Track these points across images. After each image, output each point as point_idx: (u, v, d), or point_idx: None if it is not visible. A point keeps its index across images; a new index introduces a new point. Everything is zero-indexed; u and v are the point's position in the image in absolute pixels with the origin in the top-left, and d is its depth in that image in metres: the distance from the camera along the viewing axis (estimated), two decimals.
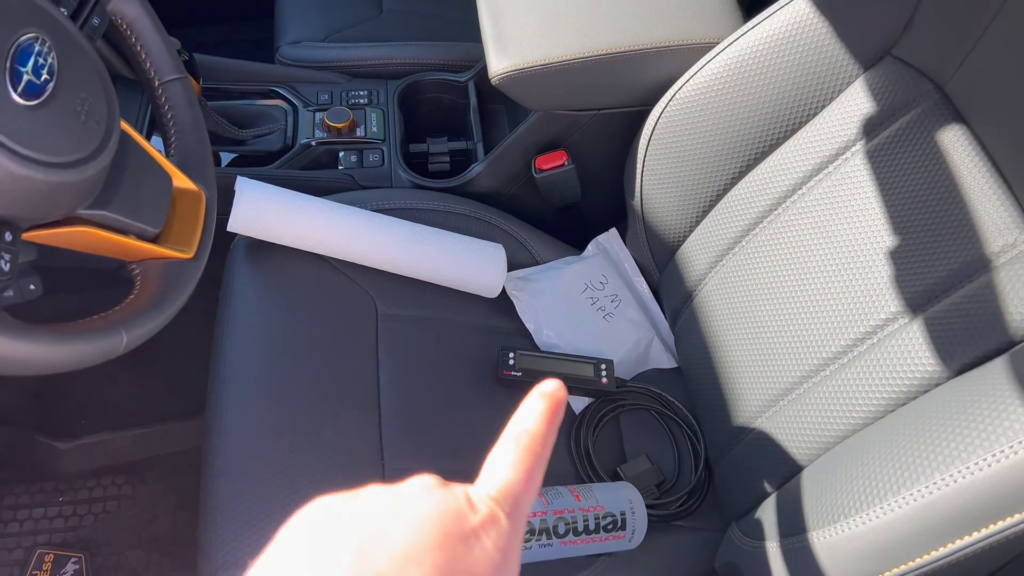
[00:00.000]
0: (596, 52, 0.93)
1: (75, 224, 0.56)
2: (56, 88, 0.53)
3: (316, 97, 1.14)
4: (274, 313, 0.88)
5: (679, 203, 0.95)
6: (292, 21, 1.25)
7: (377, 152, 1.10)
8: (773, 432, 0.80)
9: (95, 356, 0.52)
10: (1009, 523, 0.53)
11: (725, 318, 0.89)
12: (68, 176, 0.52)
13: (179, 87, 0.70)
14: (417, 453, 0.83)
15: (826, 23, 0.80)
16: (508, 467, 0.32)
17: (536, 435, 0.33)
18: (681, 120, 0.91)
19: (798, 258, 0.81)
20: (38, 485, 1.16)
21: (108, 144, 0.56)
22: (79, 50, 0.57)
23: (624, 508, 0.80)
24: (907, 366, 0.68)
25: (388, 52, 1.20)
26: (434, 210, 1.01)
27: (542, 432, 0.33)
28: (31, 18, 0.54)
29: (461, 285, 0.96)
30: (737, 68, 0.86)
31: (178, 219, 0.66)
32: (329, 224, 0.90)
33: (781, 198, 0.84)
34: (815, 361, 0.77)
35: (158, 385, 1.19)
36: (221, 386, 0.83)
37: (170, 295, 0.60)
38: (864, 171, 0.77)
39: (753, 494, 0.81)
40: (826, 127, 0.82)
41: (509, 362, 0.91)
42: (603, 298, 1.00)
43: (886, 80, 0.77)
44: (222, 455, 0.78)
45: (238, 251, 0.93)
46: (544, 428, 0.33)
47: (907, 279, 0.71)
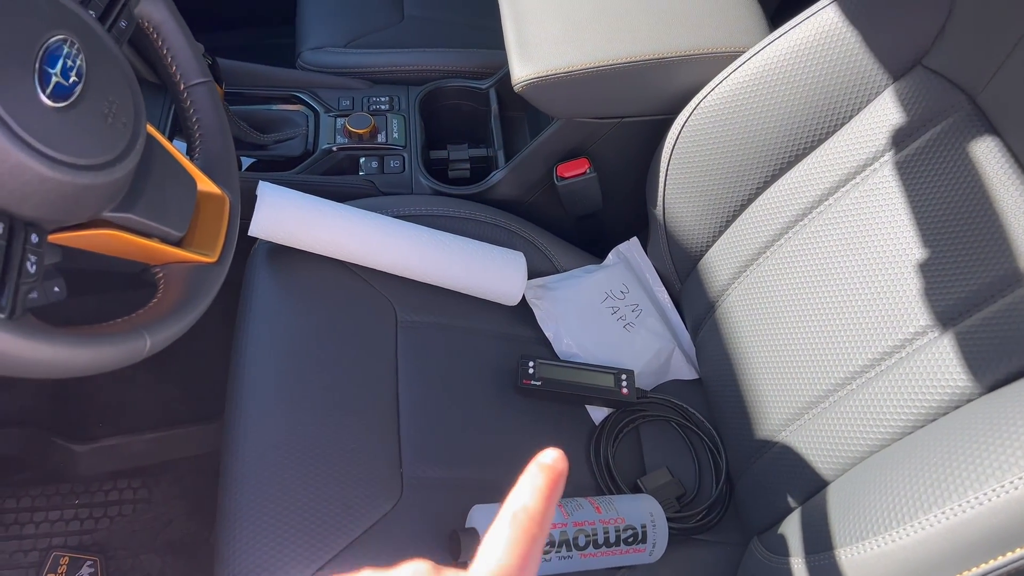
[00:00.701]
0: (620, 60, 0.92)
1: (100, 227, 0.56)
2: (84, 90, 0.53)
3: (337, 103, 1.14)
4: (294, 318, 0.88)
5: (702, 213, 0.94)
6: (314, 27, 1.26)
7: (398, 158, 1.09)
8: (797, 446, 0.78)
9: (118, 360, 0.52)
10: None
11: (748, 330, 0.88)
12: (95, 178, 0.52)
13: (204, 91, 0.70)
14: (435, 462, 0.82)
15: (855, 33, 0.80)
16: (503, 550, 0.30)
17: (534, 514, 0.31)
18: (705, 129, 0.90)
19: (825, 270, 0.80)
20: (54, 487, 1.15)
21: (134, 147, 0.56)
22: (107, 53, 0.57)
23: (645, 521, 0.79)
24: (937, 381, 0.67)
25: (409, 58, 1.20)
26: (455, 217, 1.01)
27: (540, 511, 0.31)
28: (60, 20, 0.53)
29: (481, 292, 0.96)
30: (764, 77, 0.85)
31: (202, 223, 0.65)
32: (350, 230, 0.90)
33: (807, 209, 0.83)
34: (841, 374, 0.75)
35: (175, 389, 1.19)
36: (240, 391, 0.82)
37: (193, 299, 0.60)
38: (893, 182, 0.76)
39: (776, 509, 0.80)
40: (854, 138, 0.81)
41: (529, 371, 0.90)
42: (624, 308, 0.99)
43: (917, 90, 0.76)
44: (240, 460, 0.77)
45: (259, 256, 0.92)
46: (542, 506, 0.32)
47: (937, 292, 0.70)
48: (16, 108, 0.48)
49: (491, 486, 0.83)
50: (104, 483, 1.16)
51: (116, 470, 1.17)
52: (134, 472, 1.17)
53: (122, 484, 1.16)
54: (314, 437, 0.79)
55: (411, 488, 0.79)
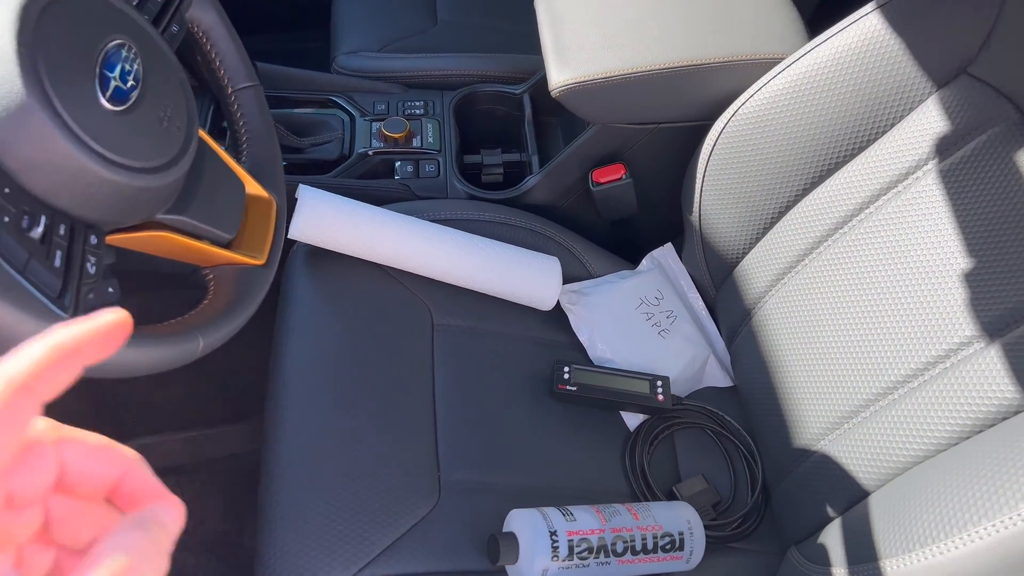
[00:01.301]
0: (658, 66, 0.92)
1: (154, 228, 0.57)
2: (141, 95, 0.54)
3: (373, 107, 1.15)
4: (333, 321, 0.88)
5: (739, 219, 0.93)
6: (348, 31, 1.26)
7: (433, 163, 1.10)
8: (837, 455, 0.78)
9: (174, 360, 0.53)
10: None
11: (786, 338, 0.87)
12: (151, 181, 0.53)
13: (252, 94, 0.70)
14: (472, 466, 0.82)
15: (899, 40, 0.79)
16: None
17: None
18: (744, 136, 0.90)
19: (866, 278, 0.79)
20: None
21: (188, 150, 0.57)
22: (162, 57, 0.58)
23: (682, 528, 0.79)
24: (984, 392, 0.66)
25: (443, 63, 1.21)
26: (490, 221, 1.01)
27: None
28: (118, 24, 0.54)
29: (516, 297, 0.96)
30: (804, 84, 0.85)
31: (250, 225, 0.66)
32: (387, 234, 0.91)
33: (848, 216, 0.83)
34: (883, 384, 0.75)
35: (208, 389, 1.20)
36: (279, 392, 0.83)
37: (243, 301, 0.61)
38: (937, 191, 0.75)
39: (815, 518, 0.79)
40: (896, 146, 0.80)
41: (564, 376, 0.90)
42: (658, 314, 0.99)
43: (961, 99, 0.76)
44: (280, 462, 0.78)
45: (297, 258, 0.93)
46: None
47: (983, 303, 0.69)
48: (79, 113, 0.48)
49: (528, 491, 0.83)
50: None
51: (151, 468, 1.17)
52: (168, 471, 1.18)
53: None
54: (353, 439, 0.79)
55: (449, 491, 0.79)
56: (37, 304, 0.44)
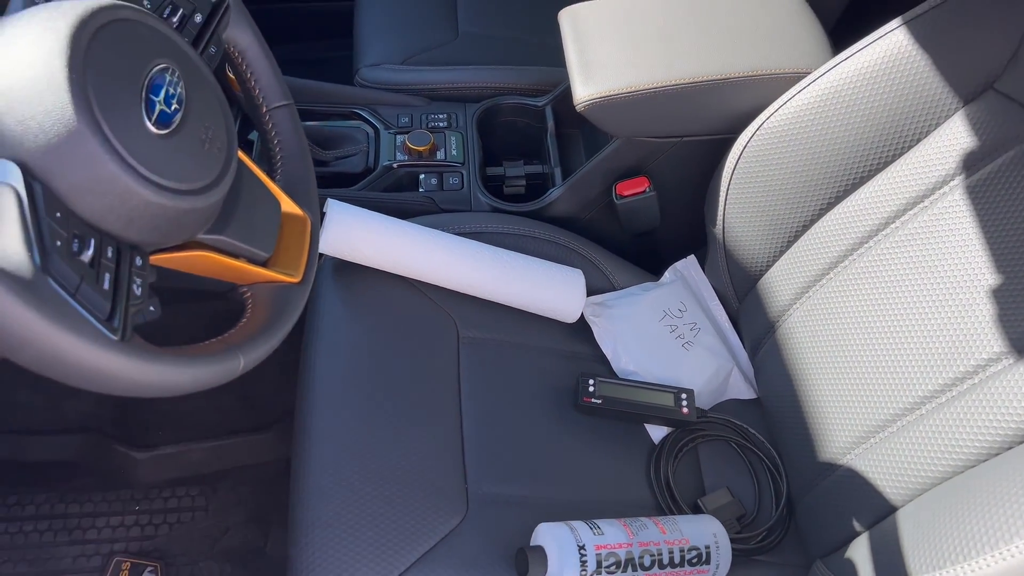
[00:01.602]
0: (682, 80, 0.93)
1: (195, 248, 0.58)
2: (184, 117, 0.55)
3: (396, 120, 1.16)
4: (360, 334, 0.89)
5: (763, 232, 0.94)
6: (371, 43, 1.28)
7: (457, 175, 1.11)
8: (863, 470, 0.78)
9: (216, 379, 0.54)
10: None
11: (811, 351, 0.87)
12: (195, 203, 0.54)
13: (286, 113, 0.71)
14: (499, 478, 0.83)
15: (925, 56, 0.79)
16: None
17: None
18: (768, 149, 0.90)
19: (892, 293, 0.79)
20: (114, 493, 1.18)
21: (228, 171, 0.58)
22: (202, 79, 0.59)
23: (709, 542, 0.79)
24: (1013, 409, 0.66)
25: (466, 76, 1.22)
26: (513, 234, 1.02)
27: None
28: (161, 48, 0.55)
29: (540, 310, 0.97)
30: (830, 99, 0.85)
31: (285, 243, 0.67)
32: (414, 247, 0.91)
33: (873, 231, 0.83)
34: (910, 399, 0.75)
35: (233, 399, 1.21)
36: (309, 403, 0.84)
37: (280, 319, 0.61)
38: (964, 206, 0.76)
39: (841, 532, 0.80)
40: (922, 161, 0.81)
41: (589, 389, 0.91)
42: (682, 326, 1.00)
43: (988, 115, 0.76)
44: (310, 473, 0.79)
45: (325, 271, 0.94)
46: None
47: (1011, 318, 0.69)
48: (127, 137, 0.49)
49: (554, 504, 0.84)
50: (163, 490, 1.18)
51: (175, 477, 1.19)
52: (192, 480, 1.19)
53: (180, 491, 1.18)
54: (381, 451, 0.80)
55: (476, 504, 0.80)
56: (89, 327, 0.45)
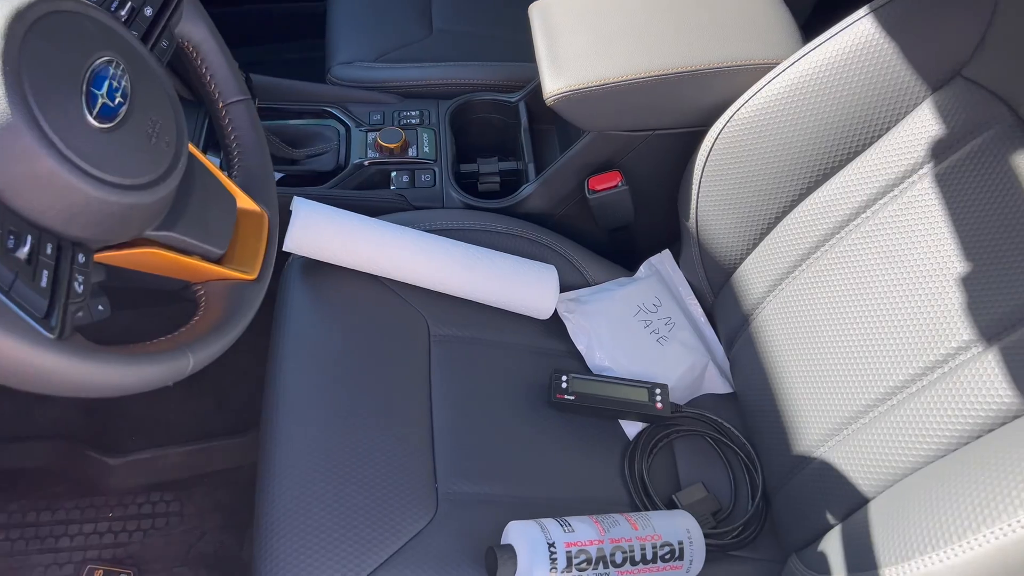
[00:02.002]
0: (652, 73, 0.92)
1: (143, 245, 0.57)
2: (129, 111, 0.54)
3: (368, 117, 1.15)
4: (328, 333, 0.88)
5: (736, 225, 0.93)
6: (344, 41, 1.26)
7: (429, 172, 1.10)
8: (836, 462, 0.77)
9: (163, 378, 0.53)
10: None
11: (784, 343, 0.87)
12: (140, 198, 0.53)
13: (243, 108, 0.70)
14: (470, 477, 0.82)
15: (893, 44, 0.79)
16: None
17: None
18: (739, 141, 0.89)
19: (863, 283, 0.79)
20: (88, 500, 1.16)
21: (177, 166, 0.57)
22: (150, 73, 0.58)
23: (682, 537, 0.78)
24: (982, 397, 0.66)
25: (439, 72, 1.21)
26: (486, 230, 1.01)
27: None
28: (106, 42, 0.54)
29: (513, 306, 0.95)
30: (799, 89, 0.84)
31: (241, 240, 0.66)
32: (383, 244, 0.90)
33: (844, 221, 0.82)
34: (881, 389, 0.74)
35: (207, 403, 1.20)
36: (275, 405, 0.82)
37: (234, 317, 0.60)
38: (932, 195, 0.75)
39: (815, 525, 0.79)
40: (892, 149, 0.80)
41: (562, 385, 0.90)
42: (656, 321, 0.99)
43: (956, 102, 0.76)
44: (276, 475, 0.77)
45: (292, 270, 0.93)
46: None
47: (980, 307, 0.69)
48: (64, 130, 0.48)
49: (527, 502, 0.83)
50: (137, 496, 1.17)
51: (149, 483, 1.17)
52: (167, 485, 1.18)
53: (155, 497, 1.17)
54: (349, 452, 0.79)
55: (446, 503, 0.79)
56: (22, 325, 0.44)
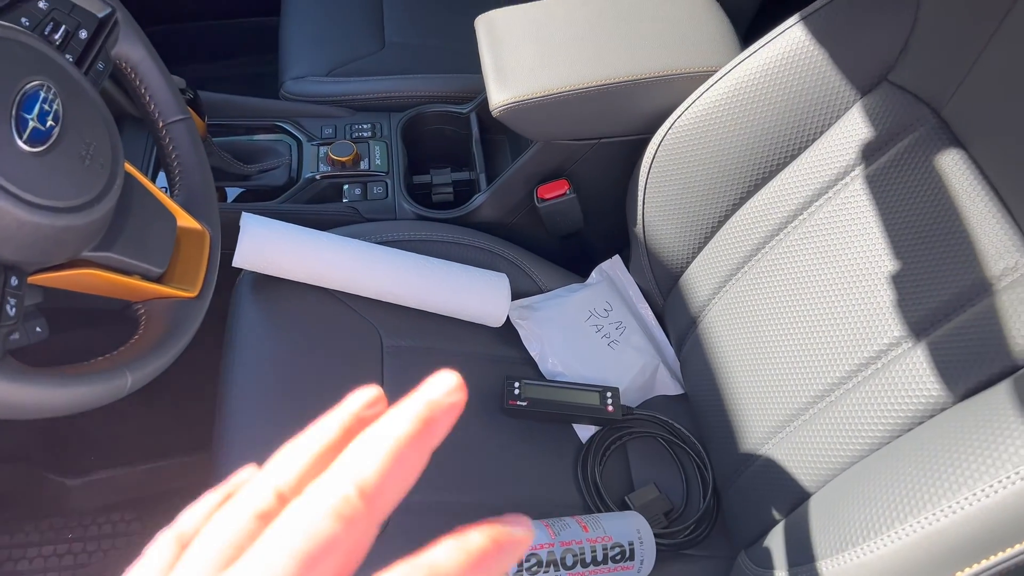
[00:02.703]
0: (594, 83, 0.94)
1: (80, 266, 0.57)
2: (61, 134, 0.54)
3: (320, 131, 1.16)
4: (279, 348, 0.88)
5: (681, 229, 0.95)
6: (296, 56, 1.27)
7: (381, 184, 1.10)
8: (780, 459, 0.79)
9: (99, 399, 0.53)
10: (1017, 551, 0.53)
11: (730, 344, 0.89)
12: (73, 220, 0.53)
13: (183, 128, 0.71)
14: (420, 486, 0.82)
15: (822, 50, 0.81)
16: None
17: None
18: (681, 148, 0.91)
19: (800, 283, 0.81)
20: (47, 522, 1.16)
21: (112, 187, 0.57)
22: (84, 95, 0.58)
23: (632, 538, 0.80)
24: (912, 391, 0.68)
25: (391, 85, 1.22)
26: (438, 241, 1.02)
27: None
28: (37, 66, 0.55)
29: (465, 315, 0.97)
30: (735, 95, 0.86)
31: (182, 258, 0.66)
32: (333, 258, 0.91)
33: (783, 223, 0.84)
34: (820, 386, 0.76)
35: (167, 420, 1.20)
36: (225, 422, 0.83)
37: (174, 335, 0.61)
38: (864, 196, 0.77)
39: (762, 521, 0.80)
40: (825, 152, 0.82)
41: (514, 392, 0.91)
42: (608, 325, 1.00)
43: (883, 105, 0.78)
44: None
45: (244, 286, 0.93)
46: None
47: (909, 303, 0.71)
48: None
49: (480, 508, 0.83)
50: (97, 516, 1.16)
51: (108, 503, 1.17)
52: (127, 504, 1.17)
53: (115, 517, 1.16)
54: None
55: (397, 513, 0.79)
56: None
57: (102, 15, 0.65)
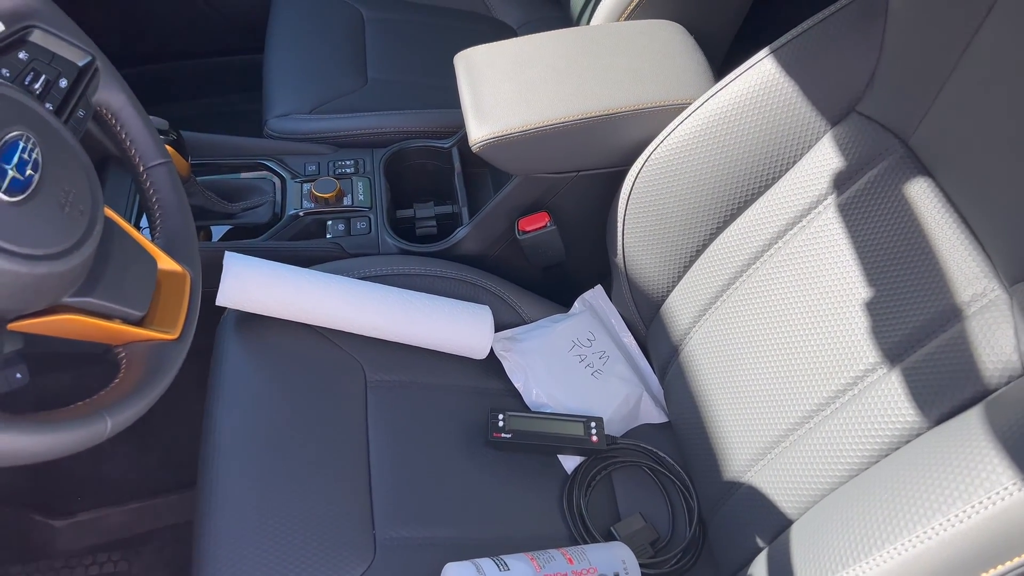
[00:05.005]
0: (572, 117, 0.96)
1: (60, 312, 0.58)
2: (40, 182, 0.55)
3: (303, 168, 1.17)
4: (263, 386, 0.89)
5: (660, 259, 0.96)
6: (280, 94, 1.29)
7: (364, 220, 1.12)
8: (762, 486, 0.80)
9: (79, 444, 0.53)
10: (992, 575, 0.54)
11: (711, 372, 0.89)
12: (53, 267, 0.54)
13: (163, 171, 0.72)
14: (408, 521, 0.83)
15: (792, 82, 0.83)
16: None
17: None
18: (658, 179, 0.93)
19: (777, 311, 0.82)
20: (34, 565, 1.15)
21: (92, 233, 0.58)
22: (63, 144, 0.59)
23: (618, 569, 0.80)
24: (888, 417, 0.68)
25: (373, 122, 1.23)
26: (421, 275, 1.03)
27: None
28: (15, 117, 0.56)
29: (449, 348, 0.97)
30: (709, 127, 0.88)
31: (163, 301, 0.67)
32: (316, 294, 0.92)
33: (758, 253, 0.86)
34: (800, 413, 0.77)
35: (154, 458, 1.19)
36: (210, 461, 0.83)
37: (155, 377, 0.61)
38: (836, 224, 0.79)
39: (746, 549, 0.81)
40: (798, 182, 0.84)
41: (499, 424, 0.91)
42: (591, 355, 1.01)
43: (853, 136, 0.80)
44: (211, 533, 0.78)
45: (227, 324, 0.94)
46: None
47: (883, 330, 0.72)
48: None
49: (466, 543, 0.84)
50: (84, 557, 1.16)
51: (96, 543, 1.16)
52: (114, 545, 1.17)
53: (102, 557, 1.16)
54: (285, 506, 0.80)
55: (384, 550, 0.80)
56: None
57: (82, 63, 0.66)
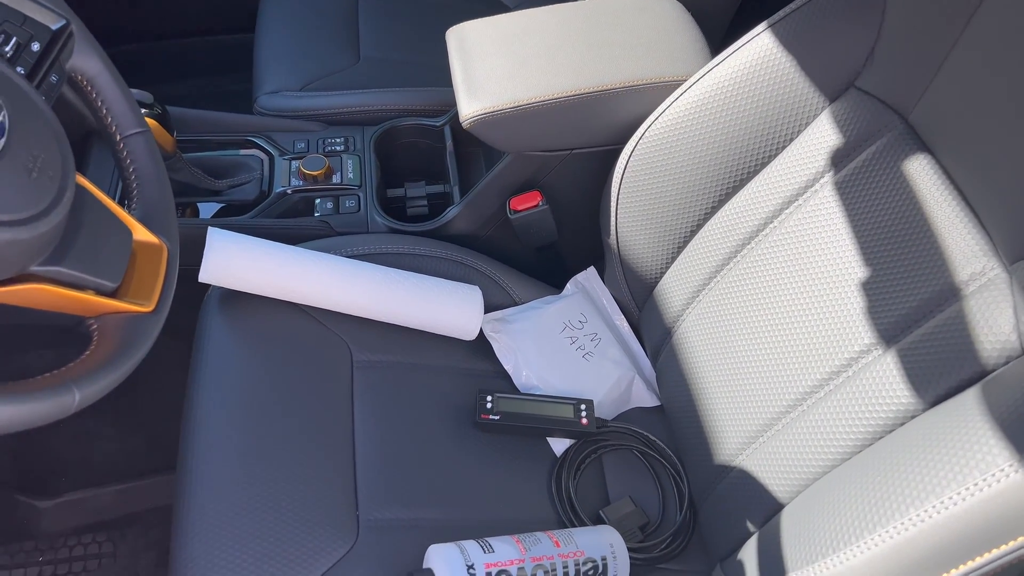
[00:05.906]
0: (564, 93, 0.93)
1: (28, 281, 0.56)
2: (6, 146, 0.53)
3: (292, 146, 1.15)
4: (247, 364, 0.87)
5: (654, 240, 0.94)
6: (270, 71, 1.26)
7: (353, 198, 1.10)
8: (753, 470, 0.78)
9: (45, 415, 0.52)
10: (986, 559, 0.52)
11: (704, 354, 0.88)
12: (18, 234, 0.52)
13: (141, 140, 0.70)
14: (392, 503, 0.81)
15: (790, 57, 0.81)
16: None
17: None
18: (652, 158, 0.91)
19: (772, 292, 0.80)
20: (18, 545, 1.14)
21: (61, 200, 0.56)
22: (33, 108, 0.57)
23: (605, 553, 0.78)
24: (883, 399, 0.67)
25: (364, 99, 1.21)
26: (410, 254, 1.01)
27: None
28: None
29: (438, 328, 0.95)
30: (705, 104, 0.86)
31: (138, 272, 0.65)
32: (301, 272, 0.90)
33: (754, 232, 0.84)
34: (793, 396, 0.75)
35: (139, 440, 1.18)
36: (193, 440, 0.81)
37: (128, 350, 0.59)
38: (833, 202, 0.77)
39: (737, 534, 0.79)
40: (795, 160, 0.82)
41: (487, 406, 0.90)
42: (582, 337, 0.99)
43: (851, 112, 0.78)
44: (192, 512, 0.76)
45: (211, 302, 0.92)
46: None
47: (879, 310, 0.70)
48: None
49: (451, 525, 0.82)
50: (69, 539, 1.14)
51: (81, 525, 1.15)
52: (100, 526, 1.15)
53: (87, 539, 1.15)
54: (268, 485, 0.78)
55: (367, 531, 0.78)
56: None
57: (56, 27, 0.64)
